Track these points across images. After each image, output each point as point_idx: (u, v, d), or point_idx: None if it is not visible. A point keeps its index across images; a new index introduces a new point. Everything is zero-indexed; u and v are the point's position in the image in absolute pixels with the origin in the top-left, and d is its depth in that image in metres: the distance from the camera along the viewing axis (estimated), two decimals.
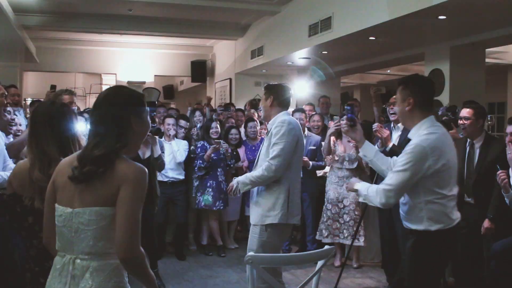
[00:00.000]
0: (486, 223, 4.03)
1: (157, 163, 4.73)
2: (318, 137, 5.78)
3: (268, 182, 3.40)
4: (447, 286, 4.87)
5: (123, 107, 1.91)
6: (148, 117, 2.03)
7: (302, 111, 6.08)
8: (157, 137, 4.60)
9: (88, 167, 1.85)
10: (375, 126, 4.48)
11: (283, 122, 3.41)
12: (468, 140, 4.27)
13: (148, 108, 2.03)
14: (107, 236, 1.84)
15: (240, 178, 3.51)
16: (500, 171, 3.64)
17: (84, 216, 1.84)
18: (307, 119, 5.98)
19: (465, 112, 4.19)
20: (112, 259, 1.85)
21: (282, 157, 3.34)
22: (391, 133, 4.59)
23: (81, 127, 2.91)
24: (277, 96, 3.54)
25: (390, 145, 4.40)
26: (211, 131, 5.98)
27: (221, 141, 5.90)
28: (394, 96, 4.65)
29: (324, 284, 4.68)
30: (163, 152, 5.34)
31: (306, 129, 5.88)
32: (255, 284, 2.50)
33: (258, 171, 3.40)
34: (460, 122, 4.23)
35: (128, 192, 1.81)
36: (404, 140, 4.48)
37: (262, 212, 3.42)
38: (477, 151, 4.20)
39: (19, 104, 5.82)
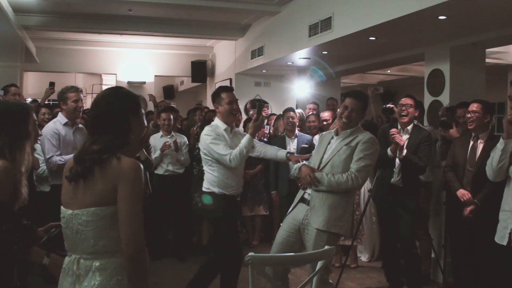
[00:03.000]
0: (469, 209, 4.18)
1: (144, 165, 4.81)
2: (310, 136, 5.84)
3: (342, 192, 3.39)
4: (447, 286, 4.87)
5: (122, 106, 1.97)
6: (144, 118, 2.07)
7: (293, 110, 6.14)
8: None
9: (86, 162, 1.88)
10: (393, 131, 4.47)
11: (374, 140, 3.48)
12: (473, 134, 4.31)
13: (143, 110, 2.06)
14: (107, 236, 1.87)
15: (318, 176, 3.39)
16: None
17: (82, 218, 1.88)
18: (297, 119, 6.04)
19: (473, 106, 4.25)
20: (114, 258, 1.89)
21: (366, 173, 3.42)
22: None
23: None
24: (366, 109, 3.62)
25: (404, 152, 4.42)
26: None
27: None
28: (404, 98, 4.68)
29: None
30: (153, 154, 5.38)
31: (296, 129, 5.95)
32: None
33: (342, 178, 3.33)
34: (468, 115, 4.27)
35: (127, 190, 1.84)
36: (414, 144, 4.50)
37: (328, 219, 3.37)
38: (481, 146, 4.24)
39: None
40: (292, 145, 5.89)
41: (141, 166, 1.91)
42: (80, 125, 4.58)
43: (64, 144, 4.28)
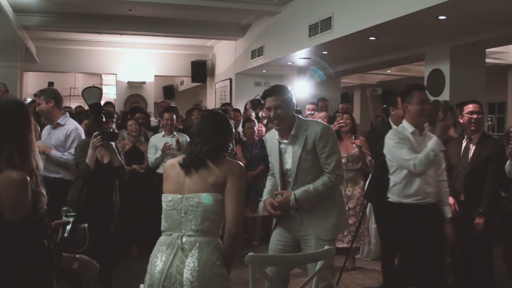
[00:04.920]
0: (476, 219, 4.08)
1: (118, 174, 4.07)
2: None
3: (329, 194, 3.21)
4: (447, 286, 4.87)
5: (225, 124, 2.52)
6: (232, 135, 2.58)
7: (299, 112, 6.12)
8: (113, 143, 3.96)
9: (199, 157, 2.37)
10: None
11: (325, 129, 3.17)
12: (466, 136, 4.28)
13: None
14: (211, 217, 2.31)
15: (300, 195, 3.14)
16: None
17: (194, 200, 2.31)
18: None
19: (475, 107, 4.18)
20: (214, 237, 2.32)
21: (341, 164, 3.28)
22: None
23: None
24: (292, 104, 3.28)
25: None
26: None
27: None
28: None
29: None
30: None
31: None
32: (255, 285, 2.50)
33: (324, 184, 3.14)
34: (473, 117, 4.20)
35: (235, 182, 2.33)
36: None
37: (334, 223, 3.22)
38: (473, 147, 4.21)
39: None
40: None
41: (243, 166, 2.45)
42: (61, 121, 4.59)
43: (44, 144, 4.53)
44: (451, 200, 4.12)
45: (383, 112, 5.90)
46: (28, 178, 1.94)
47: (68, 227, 2.18)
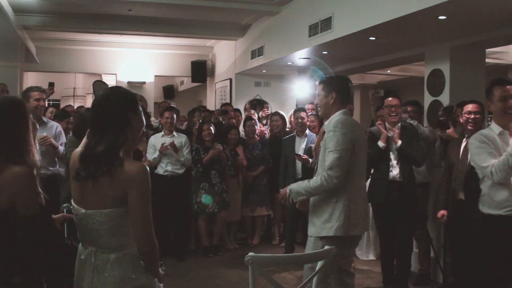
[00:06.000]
0: None
1: None
2: None
3: (326, 193, 3.09)
4: (447, 286, 4.88)
5: (121, 103, 2.03)
6: (142, 115, 2.14)
7: (303, 110, 6.12)
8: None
9: (92, 165, 1.95)
10: (378, 122, 4.56)
11: (335, 125, 3.06)
12: (466, 135, 4.28)
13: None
14: (120, 232, 2.01)
15: (294, 187, 3.18)
16: None
17: (96, 218, 1.99)
18: (308, 118, 6.01)
19: (474, 107, 4.19)
20: (128, 249, 2.03)
21: (340, 167, 3.00)
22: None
23: None
24: (340, 91, 3.24)
25: (399, 143, 4.45)
26: (203, 133, 6.01)
27: (216, 143, 5.93)
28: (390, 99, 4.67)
29: None
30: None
31: (307, 128, 5.92)
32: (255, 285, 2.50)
33: (315, 181, 3.07)
34: (470, 116, 4.20)
35: (137, 195, 1.95)
36: (404, 141, 4.52)
37: (318, 223, 3.15)
38: None
39: None
40: (302, 145, 5.86)
41: (148, 169, 2.02)
42: (45, 119, 4.82)
43: None
44: (439, 213, 4.10)
45: None
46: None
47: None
